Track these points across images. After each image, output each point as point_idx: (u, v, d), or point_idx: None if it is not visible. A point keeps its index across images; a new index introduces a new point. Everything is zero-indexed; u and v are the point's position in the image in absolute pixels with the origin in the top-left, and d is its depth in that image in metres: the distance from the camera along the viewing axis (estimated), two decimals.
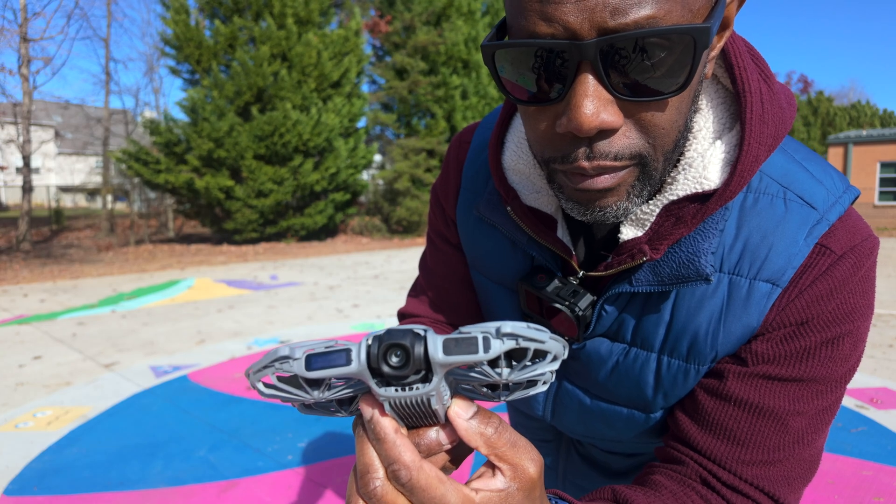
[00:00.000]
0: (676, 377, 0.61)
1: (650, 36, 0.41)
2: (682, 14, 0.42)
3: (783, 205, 0.55)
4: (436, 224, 0.80)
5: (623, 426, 0.69)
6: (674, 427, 0.64)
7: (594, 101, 0.43)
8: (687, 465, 0.60)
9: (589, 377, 0.68)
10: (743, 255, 0.55)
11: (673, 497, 0.58)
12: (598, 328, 0.64)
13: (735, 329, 0.56)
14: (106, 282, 9.00)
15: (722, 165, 0.54)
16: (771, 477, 0.57)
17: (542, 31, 0.42)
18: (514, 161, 0.63)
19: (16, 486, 2.64)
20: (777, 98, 0.54)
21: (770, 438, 0.57)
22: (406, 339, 0.34)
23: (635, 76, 0.43)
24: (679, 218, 0.55)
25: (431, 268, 0.82)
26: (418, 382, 0.35)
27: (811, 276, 0.54)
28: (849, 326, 0.55)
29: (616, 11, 0.40)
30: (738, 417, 0.57)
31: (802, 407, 0.56)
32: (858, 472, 2.66)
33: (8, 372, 4.37)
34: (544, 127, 0.48)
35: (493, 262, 0.71)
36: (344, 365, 0.34)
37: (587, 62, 0.42)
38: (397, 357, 0.35)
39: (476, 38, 18.00)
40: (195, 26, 14.39)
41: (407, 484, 0.36)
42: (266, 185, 14.36)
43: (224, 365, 4.47)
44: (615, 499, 0.57)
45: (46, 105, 33.53)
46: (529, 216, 0.62)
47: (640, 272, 0.57)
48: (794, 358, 0.56)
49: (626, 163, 0.47)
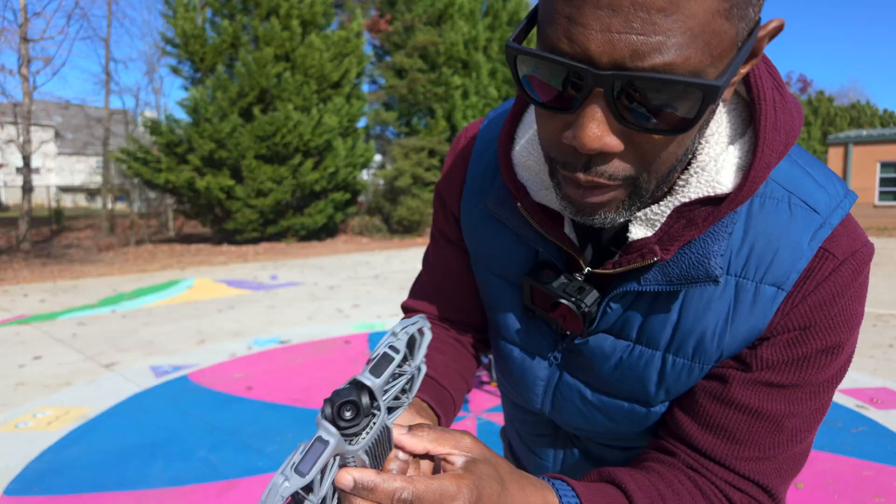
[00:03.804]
0: (680, 375, 0.63)
1: (662, 82, 0.42)
2: (701, 59, 0.43)
3: (788, 209, 0.57)
4: (437, 220, 0.81)
5: (624, 419, 0.71)
6: (671, 424, 0.66)
7: (599, 125, 0.45)
8: (678, 457, 0.64)
9: (592, 372, 0.69)
10: (749, 258, 0.57)
11: (660, 476, 0.61)
12: (601, 325, 0.65)
13: (741, 331, 0.58)
14: (106, 282, 9.00)
15: (734, 170, 0.55)
16: (764, 471, 0.60)
17: (563, 48, 0.44)
18: (525, 157, 0.64)
19: (16, 486, 2.64)
20: (788, 107, 0.56)
21: (766, 438, 0.60)
22: (351, 394, 0.41)
23: (643, 110, 0.45)
24: (690, 220, 0.56)
25: (432, 263, 0.84)
26: (374, 418, 0.42)
27: (815, 281, 0.56)
28: (846, 334, 0.58)
29: (635, 55, 0.41)
30: (736, 419, 0.60)
31: (797, 409, 0.59)
32: (858, 472, 2.66)
33: (8, 372, 4.37)
34: (554, 130, 0.50)
35: (496, 256, 0.72)
36: (324, 448, 0.40)
37: (599, 90, 0.44)
38: (349, 411, 0.41)
39: (476, 39, 17.99)
40: (200, 24, 14.38)
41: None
42: (266, 184, 14.37)
43: (224, 365, 4.47)
44: (600, 477, 0.62)
45: (46, 105, 33.50)
46: (538, 212, 0.63)
47: (649, 272, 0.58)
48: (794, 365, 0.58)
49: (619, 183, 0.50)
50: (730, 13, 0.43)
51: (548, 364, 0.73)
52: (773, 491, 0.61)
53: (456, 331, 0.83)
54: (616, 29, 0.41)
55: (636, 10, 0.40)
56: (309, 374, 4.22)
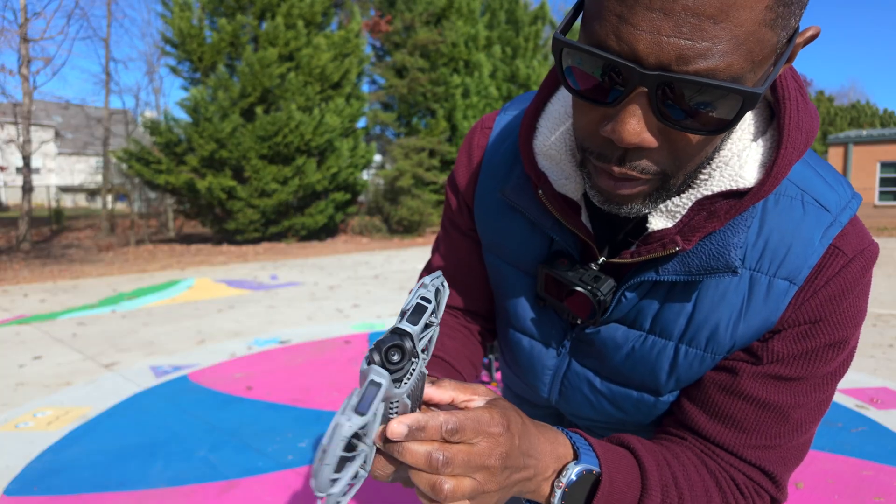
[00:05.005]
0: (692, 364, 0.64)
1: (705, 87, 0.44)
2: (742, 66, 0.44)
3: (801, 207, 0.59)
4: (449, 210, 0.83)
5: (632, 408, 0.72)
6: (679, 414, 0.67)
7: (639, 121, 0.47)
8: (686, 443, 0.66)
9: (602, 360, 0.70)
10: (764, 252, 0.59)
11: (667, 448, 0.64)
12: (615, 314, 0.66)
13: (754, 323, 0.60)
14: (106, 282, 9.00)
15: (757, 166, 0.57)
16: (770, 458, 0.63)
17: (611, 45, 0.45)
18: (547, 147, 0.65)
19: (16, 486, 2.64)
20: (809, 109, 0.58)
21: (772, 427, 0.62)
22: (395, 339, 0.44)
23: (682, 110, 0.46)
24: (712, 212, 0.58)
25: (443, 253, 0.86)
26: (414, 364, 0.45)
27: (825, 276, 0.58)
28: (852, 329, 0.60)
29: (681, 59, 0.43)
30: (744, 410, 0.62)
31: (803, 400, 0.62)
32: (858, 472, 2.66)
33: (8, 372, 4.37)
34: (590, 121, 0.52)
35: (510, 245, 0.74)
36: (378, 390, 0.42)
37: (642, 88, 0.45)
38: (395, 354, 0.44)
39: (476, 38, 17.99)
40: (198, 24, 14.36)
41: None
42: (270, 184, 14.37)
43: (224, 365, 4.47)
44: (620, 441, 0.63)
45: (46, 105, 33.51)
46: (559, 200, 0.65)
47: (668, 262, 0.60)
48: (803, 358, 0.60)
49: (650, 177, 0.52)
50: (774, 23, 0.44)
51: (556, 353, 0.75)
52: (777, 477, 0.63)
53: (464, 319, 0.85)
54: (666, 32, 0.42)
55: (687, 16, 0.42)
56: (309, 374, 4.22)
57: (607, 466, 0.55)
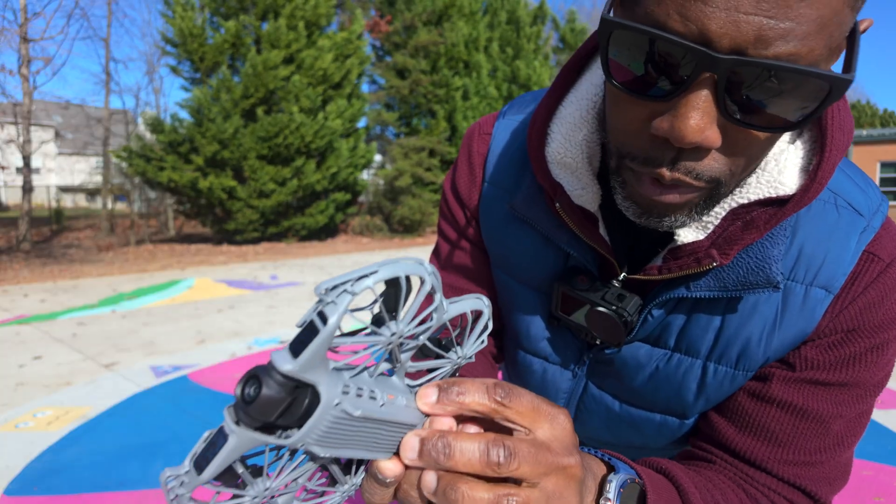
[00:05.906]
0: (722, 383, 0.59)
1: (790, 72, 0.37)
2: (822, 52, 0.38)
3: (836, 211, 0.55)
4: (453, 219, 0.75)
5: (654, 433, 0.67)
6: (706, 428, 0.62)
7: (704, 115, 0.40)
8: (716, 465, 0.59)
9: (622, 382, 0.65)
10: (799, 260, 0.54)
11: (701, 475, 0.57)
12: (639, 333, 0.60)
13: (789, 335, 0.55)
14: (106, 282, 9.00)
15: (797, 170, 0.52)
16: (812, 477, 0.57)
17: (672, 25, 0.38)
18: (561, 155, 0.58)
19: (16, 486, 2.64)
20: (846, 108, 0.54)
21: (811, 440, 0.56)
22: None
23: (752, 103, 0.40)
24: (748, 222, 0.52)
25: (451, 264, 0.79)
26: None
27: (863, 284, 0.54)
28: (892, 333, 0.56)
29: (760, 40, 0.36)
30: (780, 419, 0.56)
31: (844, 411, 0.56)
32: (858, 472, 2.66)
33: (8, 372, 4.36)
34: (635, 120, 0.44)
35: (520, 261, 0.67)
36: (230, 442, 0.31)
37: (712, 76, 0.39)
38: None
39: (476, 39, 17.98)
40: (199, 24, 14.36)
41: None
42: (268, 185, 14.37)
43: (224, 365, 4.47)
44: (650, 465, 0.56)
45: (46, 105, 33.49)
46: (577, 213, 0.58)
47: (702, 278, 0.54)
48: (842, 363, 0.56)
49: (703, 184, 0.45)
50: (855, 4, 0.39)
51: (572, 375, 0.69)
52: (821, 500, 0.57)
53: None
54: (744, 9, 0.36)
55: None
56: None
57: (648, 478, 0.49)
